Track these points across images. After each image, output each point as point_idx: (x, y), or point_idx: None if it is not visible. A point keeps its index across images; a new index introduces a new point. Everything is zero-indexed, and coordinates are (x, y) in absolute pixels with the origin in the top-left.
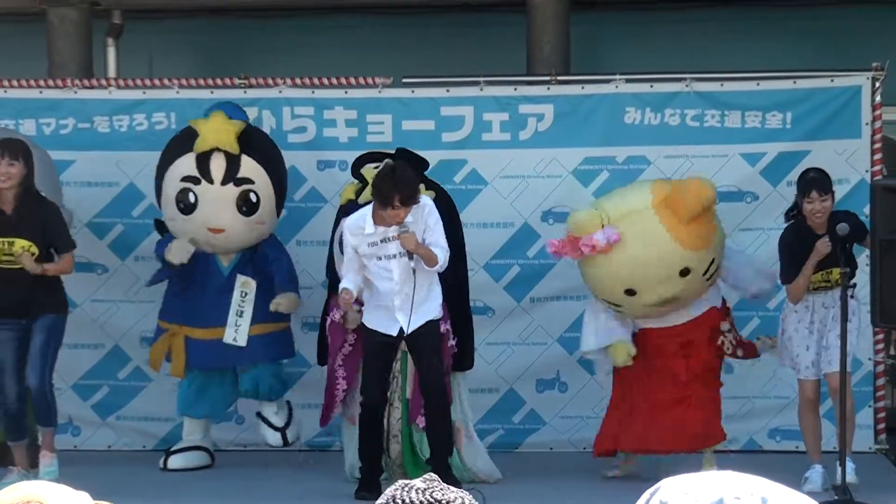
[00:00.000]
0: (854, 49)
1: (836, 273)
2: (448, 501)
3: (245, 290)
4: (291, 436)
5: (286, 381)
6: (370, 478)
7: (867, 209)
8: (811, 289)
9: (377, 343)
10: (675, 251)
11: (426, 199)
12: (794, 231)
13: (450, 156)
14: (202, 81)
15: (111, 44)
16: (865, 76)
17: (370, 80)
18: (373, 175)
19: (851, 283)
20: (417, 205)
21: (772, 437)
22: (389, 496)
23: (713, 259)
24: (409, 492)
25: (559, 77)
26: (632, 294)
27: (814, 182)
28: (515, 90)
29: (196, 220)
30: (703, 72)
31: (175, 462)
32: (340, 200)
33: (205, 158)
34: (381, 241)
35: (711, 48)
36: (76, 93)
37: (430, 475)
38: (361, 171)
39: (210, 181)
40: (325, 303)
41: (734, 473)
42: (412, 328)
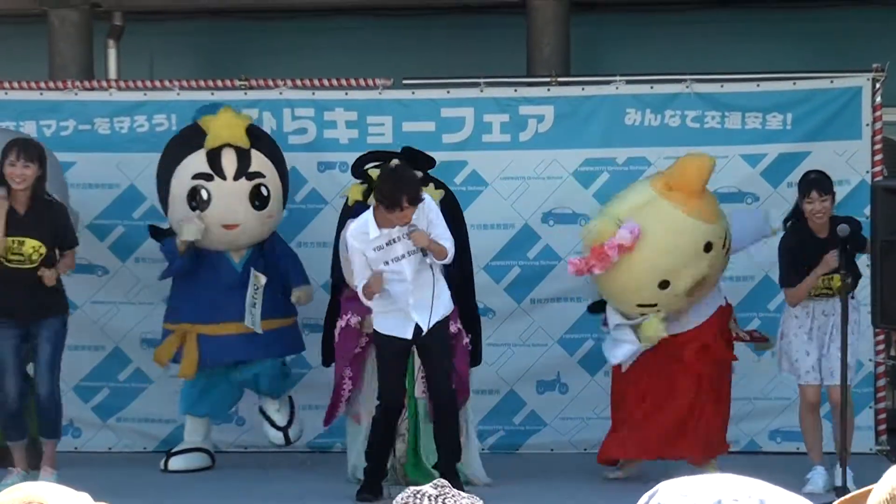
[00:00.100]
0: (854, 50)
1: (838, 280)
2: None
3: (257, 285)
4: (293, 434)
5: (288, 376)
6: (373, 479)
7: (867, 210)
8: (812, 294)
9: (393, 348)
10: (695, 227)
11: (426, 197)
12: (795, 234)
13: (450, 157)
14: (203, 83)
15: (112, 45)
16: (865, 77)
17: (370, 82)
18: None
19: (851, 296)
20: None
21: (772, 439)
22: (402, 502)
23: (725, 231)
24: (422, 499)
25: (559, 78)
26: (665, 286)
27: (814, 182)
28: (516, 91)
29: (210, 218)
30: (704, 73)
31: (176, 463)
32: (348, 202)
33: (216, 155)
34: (387, 244)
35: (712, 49)
36: (77, 94)
37: (441, 481)
38: (368, 172)
39: (223, 177)
40: (329, 305)
41: (732, 476)
42: (427, 326)
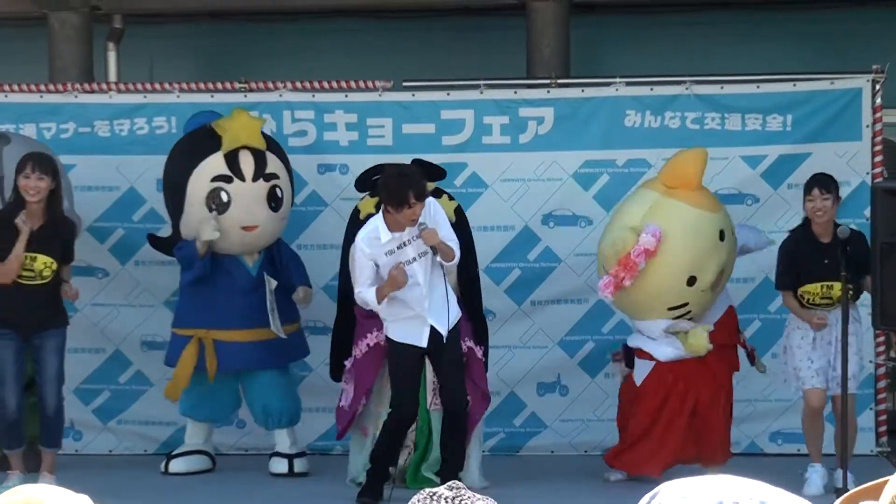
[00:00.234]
0: (854, 51)
1: (838, 289)
2: None
3: (272, 289)
4: (299, 466)
5: (296, 399)
6: (376, 482)
7: (867, 212)
8: (811, 302)
9: (408, 356)
10: (707, 219)
11: (430, 199)
12: (796, 237)
13: (450, 159)
14: (203, 85)
15: (112, 48)
16: (865, 78)
17: (370, 84)
18: None
19: (857, 292)
20: (425, 205)
21: (773, 441)
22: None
23: (729, 220)
24: (438, 500)
25: (559, 80)
26: (692, 283)
27: (816, 180)
28: (515, 93)
29: (229, 220)
30: (704, 75)
31: (176, 466)
32: (360, 215)
33: (233, 157)
34: (398, 248)
35: (711, 51)
36: (77, 97)
37: (456, 483)
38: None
39: (242, 178)
40: (337, 319)
41: (733, 477)
42: (446, 328)
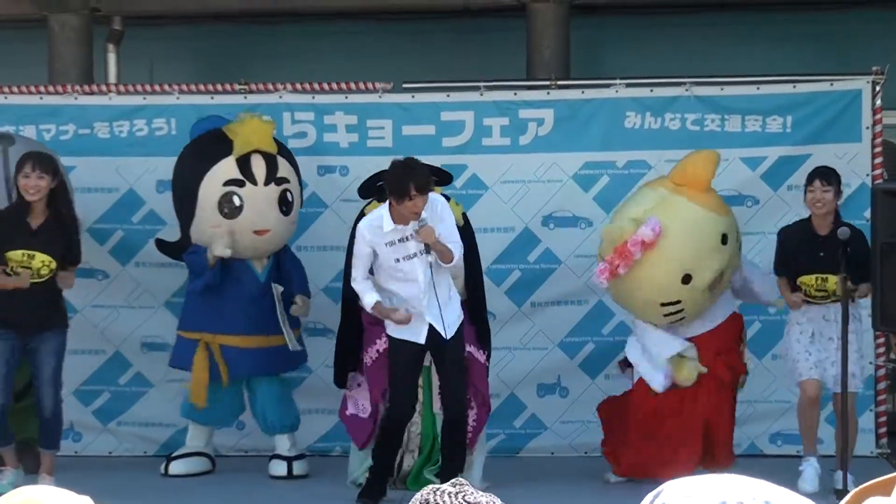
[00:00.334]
0: (854, 53)
1: (833, 282)
2: None
3: (279, 297)
4: (298, 469)
5: (294, 408)
6: (375, 481)
7: (867, 213)
8: (808, 294)
9: (407, 353)
10: (711, 219)
11: (439, 196)
12: (794, 227)
13: (450, 161)
14: (202, 87)
15: (112, 50)
16: (865, 80)
17: (370, 86)
18: None
19: (853, 291)
20: (431, 202)
21: (773, 442)
22: (422, 499)
23: (735, 226)
24: (442, 495)
25: (559, 81)
26: (688, 281)
27: (818, 172)
28: (516, 95)
29: (242, 224)
30: (704, 76)
31: (176, 468)
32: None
33: (245, 161)
34: (400, 241)
35: (711, 52)
36: (76, 99)
37: (460, 479)
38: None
39: (254, 182)
40: (342, 325)
41: (737, 477)
42: (450, 332)
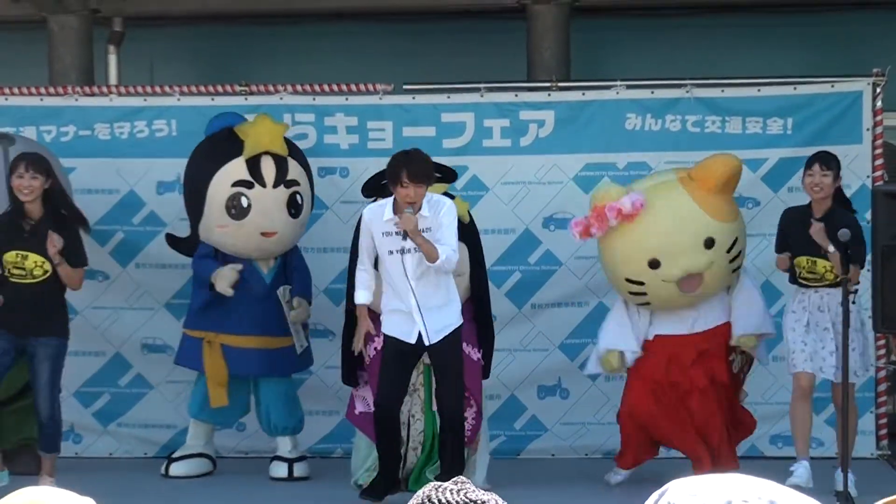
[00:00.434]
0: (854, 55)
1: (821, 265)
2: (483, 502)
3: (288, 300)
4: (299, 470)
5: (298, 411)
6: (384, 477)
7: (868, 215)
8: (801, 276)
9: (396, 351)
10: (700, 218)
11: (446, 200)
12: (795, 210)
13: (451, 162)
14: (203, 89)
15: (112, 51)
16: (866, 82)
17: (371, 87)
18: None
19: (852, 301)
20: (435, 203)
21: (773, 444)
22: (424, 496)
23: (737, 238)
24: (444, 492)
25: (560, 83)
26: (655, 266)
27: (818, 156)
28: (516, 96)
29: (249, 225)
30: (704, 78)
31: (177, 469)
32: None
33: (255, 162)
34: (396, 233)
35: (712, 54)
36: (77, 100)
37: (461, 477)
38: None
39: (263, 184)
40: (346, 322)
41: (742, 476)
42: (434, 337)
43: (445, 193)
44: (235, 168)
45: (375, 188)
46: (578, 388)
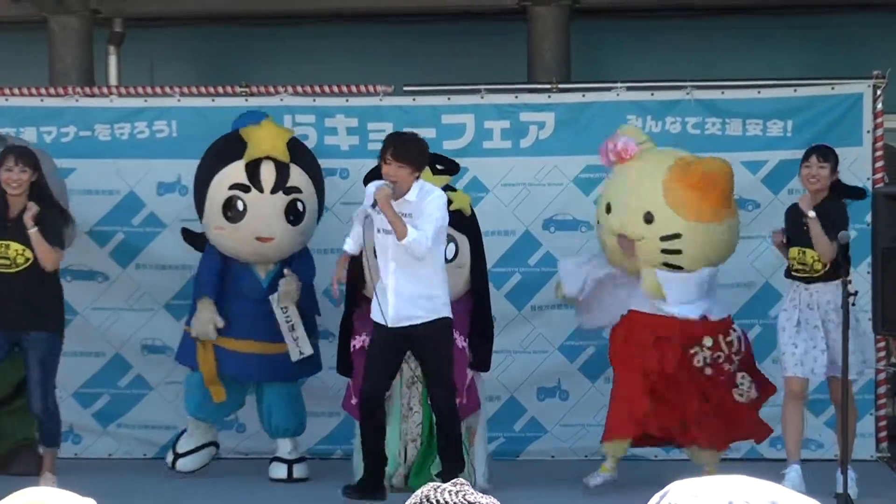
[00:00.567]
0: (855, 57)
1: (810, 256)
2: None
3: (284, 306)
4: (298, 472)
5: (301, 413)
6: (369, 474)
7: (868, 217)
8: (792, 268)
9: (377, 336)
10: (655, 196)
11: (436, 190)
12: (795, 204)
13: None
14: (203, 89)
15: (112, 52)
16: (866, 84)
17: (371, 88)
18: None
19: (852, 303)
20: (423, 190)
21: (773, 446)
22: (422, 496)
23: (681, 234)
24: (442, 493)
25: (560, 85)
26: (608, 212)
27: (815, 148)
28: (516, 98)
29: (244, 229)
30: (704, 80)
31: (184, 464)
32: None
33: (255, 166)
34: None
35: (712, 56)
36: (77, 101)
37: (460, 479)
38: None
39: (260, 189)
40: (344, 315)
41: (744, 477)
42: (395, 322)
43: (447, 186)
44: (235, 171)
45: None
46: (578, 390)
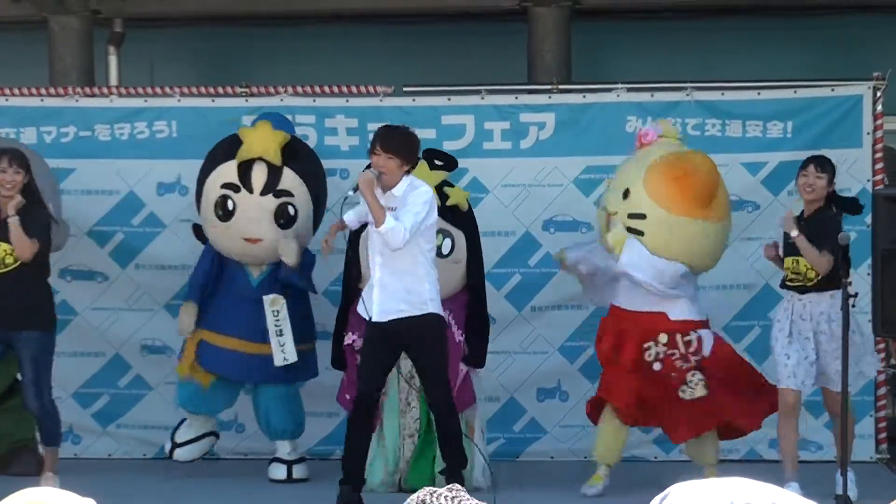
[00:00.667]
0: (855, 58)
1: (803, 264)
2: None
3: (276, 309)
4: (298, 472)
5: (299, 414)
6: (349, 466)
7: (868, 219)
8: (787, 278)
9: (368, 331)
10: (636, 178)
11: (426, 187)
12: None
13: None
14: (203, 90)
15: (112, 52)
16: (866, 86)
17: (371, 89)
18: None
19: (852, 305)
20: (410, 184)
21: (772, 447)
22: (418, 499)
23: (647, 216)
24: (438, 498)
25: (560, 86)
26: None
27: (814, 158)
28: (516, 99)
29: (232, 229)
30: (705, 81)
31: (182, 454)
32: None
33: (247, 167)
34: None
35: (713, 57)
36: (77, 101)
37: (456, 485)
38: None
39: (250, 190)
40: (339, 311)
41: (744, 480)
42: (379, 316)
43: (445, 181)
44: (228, 170)
45: None
46: (578, 391)
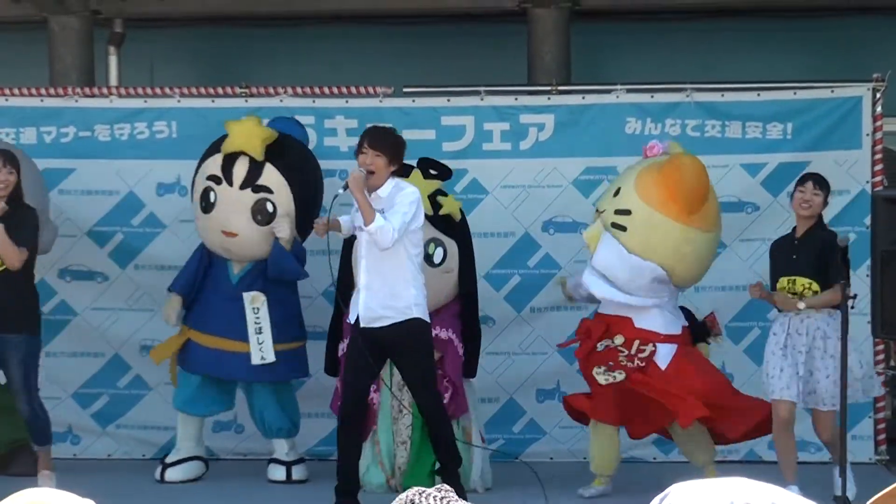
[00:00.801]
0: (855, 60)
1: (800, 284)
2: None
3: (256, 307)
4: (297, 473)
5: (294, 413)
6: (343, 475)
7: (867, 220)
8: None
9: (354, 335)
10: (628, 179)
11: (413, 189)
12: (781, 238)
13: (450, 165)
14: (203, 90)
15: (112, 52)
16: (866, 87)
17: (371, 90)
18: None
19: (853, 294)
20: (397, 185)
21: (772, 448)
22: (406, 499)
23: (631, 211)
24: (427, 498)
25: (560, 87)
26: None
27: (812, 175)
28: (516, 100)
29: (213, 221)
30: (704, 82)
31: (173, 475)
32: None
33: (230, 160)
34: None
35: (712, 58)
36: (77, 101)
37: (444, 486)
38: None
39: (230, 183)
40: (333, 316)
41: (744, 480)
42: (366, 322)
43: (438, 191)
44: (214, 162)
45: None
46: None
